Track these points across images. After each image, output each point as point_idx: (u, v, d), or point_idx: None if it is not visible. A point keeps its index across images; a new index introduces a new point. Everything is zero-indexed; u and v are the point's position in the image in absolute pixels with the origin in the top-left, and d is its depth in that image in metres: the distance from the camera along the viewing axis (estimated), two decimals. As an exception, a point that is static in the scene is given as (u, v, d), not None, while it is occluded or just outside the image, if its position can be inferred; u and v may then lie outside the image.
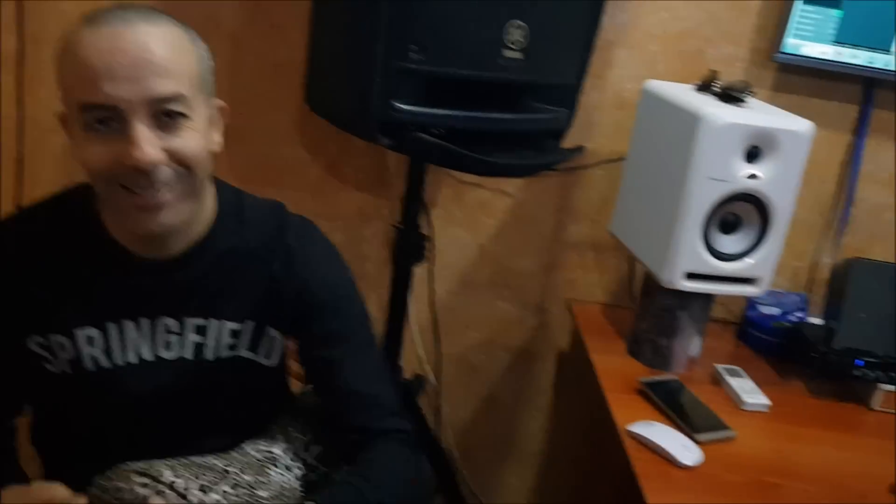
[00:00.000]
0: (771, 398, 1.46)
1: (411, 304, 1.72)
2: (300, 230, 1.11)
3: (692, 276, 1.40)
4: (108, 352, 1.02)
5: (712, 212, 1.36)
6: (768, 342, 1.66)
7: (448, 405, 1.92)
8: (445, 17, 1.21)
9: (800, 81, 1.70)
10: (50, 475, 1.05)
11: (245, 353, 1.08)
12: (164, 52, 0.89)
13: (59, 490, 0.91)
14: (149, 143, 0.89)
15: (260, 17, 1.62)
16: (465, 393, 1.93)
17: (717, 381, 1.51)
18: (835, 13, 1.59)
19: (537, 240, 1.81)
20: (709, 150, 1.33)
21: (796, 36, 1.60)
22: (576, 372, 1.85)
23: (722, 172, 1.34)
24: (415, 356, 1.85)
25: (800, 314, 1.67)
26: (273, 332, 1.08)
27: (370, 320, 1.15)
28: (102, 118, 0.88)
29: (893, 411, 1.50)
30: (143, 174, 0.89)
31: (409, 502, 1.10)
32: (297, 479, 1.11)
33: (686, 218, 1.36)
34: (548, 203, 1.78)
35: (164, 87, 0.89)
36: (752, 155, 1.35)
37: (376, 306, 1.64)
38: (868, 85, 1.69)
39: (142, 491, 0.94)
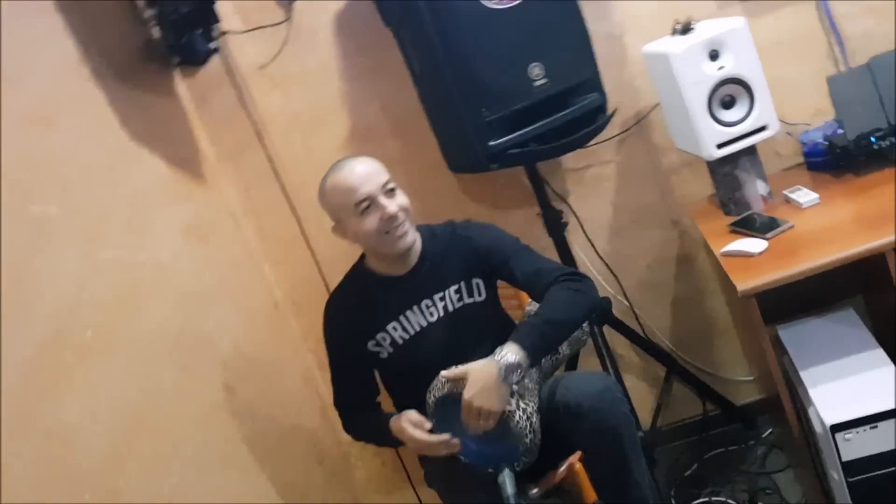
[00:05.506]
0: (822, 194, 2.06)
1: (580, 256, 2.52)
2: (462, 223, 1.99)
3: (721, 145, 2.07)
4: (405, 330, 1.94)
5: (709, 100, 2.05)
6: (825, 162, 2.23)
7: (649, 319, 2.62)
8: (492, 82, 2.06)
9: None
10: (400, 409, 1.93)
11: (467, 300, 1.95)
12: (375, 165, 1.84)
13: (413, 413, 1.82)
14: (392, 204, 1.81)
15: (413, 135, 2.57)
16: (657, 305, 2.63)
17: (788, 200, 2.13)
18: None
19: (646, 178, 2.52)
20: (683, 68, 2.04)
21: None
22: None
23: (699, 76, 2.04)
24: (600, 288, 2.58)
25: (840, 131, 2.22)
26: (475, 280, 1.94)
27: (520, 241, 1.95)
28: (367, 205, 1.81)
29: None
30: (394, 218, 1.81)
31: (580, 313, 1.83)
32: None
33: (695, 113, 2.06)
34: (639, 151, 2.50)
35: (383, 178, 1.83)
36: (714, 56, 2.04)
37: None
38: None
39: (443, 381, 1.80)
